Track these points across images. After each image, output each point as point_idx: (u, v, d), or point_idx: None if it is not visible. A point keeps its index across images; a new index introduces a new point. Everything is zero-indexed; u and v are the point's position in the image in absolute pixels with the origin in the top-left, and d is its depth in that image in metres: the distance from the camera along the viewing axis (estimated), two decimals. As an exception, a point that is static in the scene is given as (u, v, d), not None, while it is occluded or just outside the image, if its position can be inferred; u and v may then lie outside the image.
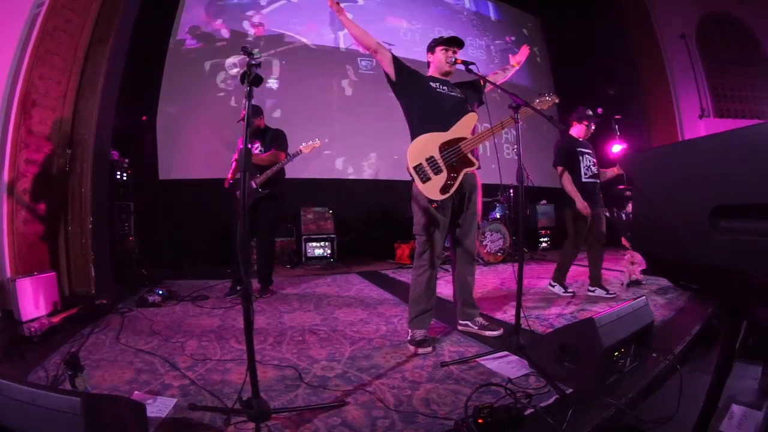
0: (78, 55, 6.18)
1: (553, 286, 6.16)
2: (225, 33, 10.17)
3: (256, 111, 6.33)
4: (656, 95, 12.10)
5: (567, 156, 5.97)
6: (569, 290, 6.06)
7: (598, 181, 6.11)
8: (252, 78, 2.72)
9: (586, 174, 5.94)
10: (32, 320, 4.76)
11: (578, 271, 6.77)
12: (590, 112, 6.12)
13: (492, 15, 14.19)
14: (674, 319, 4.79)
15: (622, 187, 7.30)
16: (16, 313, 4.89)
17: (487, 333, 4.30)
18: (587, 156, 6.01)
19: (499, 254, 9.26)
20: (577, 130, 6.09)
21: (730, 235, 1.49)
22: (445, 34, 4.40)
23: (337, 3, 4.15)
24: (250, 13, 10.53)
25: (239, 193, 4.13)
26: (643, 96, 12.32)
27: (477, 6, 13.90)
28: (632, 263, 6.31)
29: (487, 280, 7.28)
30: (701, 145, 1.79)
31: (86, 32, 6.26)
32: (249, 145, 5.44)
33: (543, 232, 11.45)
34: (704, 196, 1.56)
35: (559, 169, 5.97)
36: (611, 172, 6.21)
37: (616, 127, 8.90)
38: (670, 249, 1.80)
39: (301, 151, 6.41)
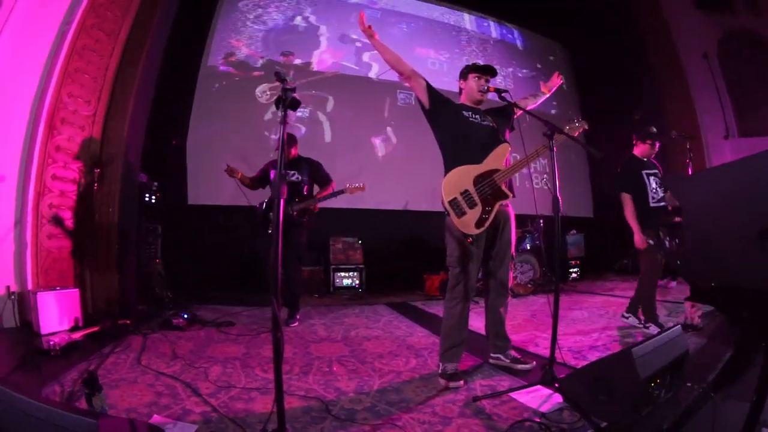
0: (108, 76, 6.27)
1: (648, 327, 5.64)
2: (255, 61, 10.20)
3: (290, 139, 6.32)
4: (681, 118, 11.88)
5: (632, 180, 5.73)
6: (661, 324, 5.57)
7: (666, 204, 5.75)
8: (288, 102, 2.67)
9: (653, 199, 5.68)
10: (51, 334, 4.79)
11: (606, 301, 6.59)
12: (654, 130, 5.90)
13: (518, 43, 14.20)
14: (706, 346, 4.71)
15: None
16: (36, 326, 4.97)
17: (519, 366, 4.21)
18: (653, 178, 5.75)
19: (530, 285, 9.10)
20: (641, 150, 5.87)
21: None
22: (480, 62, 4.36)
23: (369, 27, 4.09)
24: (281, 40, 10.57)
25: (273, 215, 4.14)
26: (668, 119, 12.12)
27: (502, 34, 13.94)
28: (693, 306, 5.75)
29: (517, 312, 7.12)
30: (746, 165, 1.71)
31: (116, 53, 6.35)
32: (285, 173, 5.38)
33: (573, 262, 11.17)
34: (751, 217, 1.48)
35: (623, 196, 5.72)
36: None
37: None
38: (717, 273, 1.71)
39: (345, 190, 6.48)
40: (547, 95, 4.77)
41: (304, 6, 11.01)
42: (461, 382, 3.79)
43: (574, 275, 10.98)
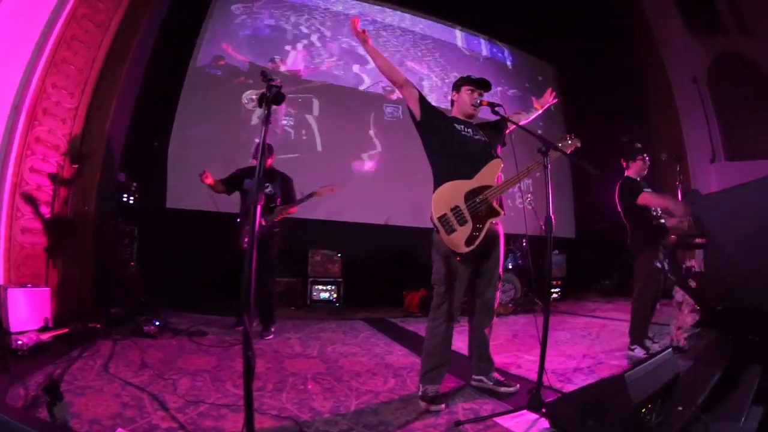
0: (94, 69, 6.12)
1: (633, 350, 5.54)
2: (244, 65, 10.05)
3: (268, 149, 6.22)
4: (668, 141, 12.13)
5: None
6: (652, 351, 5.26)
7: (664, 223, 5.63)
8: (272, 96, 2.53)
9: (656, 216, 5.57)
10: (20, 333, 4.64)
11: (589, 322, 6.49)
12: (639, 145, 5.89)
13: (508, 62, 14.28)
14: (693, 368, 4.56)
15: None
16: (5, 323, 4.76)
17: (503, 389, 4.06)
18: None
19: (510, 305, 9.04)
20: (635, 169, 5.78)
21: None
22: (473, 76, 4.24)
23: (363, 31, 3.92)
24: (272, 47, 10.49)
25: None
26: (655, 142, 12.29)
27: (493, 52, 14.03)
28: (679, 328, 5.70)
29: (499, 332, 6.90)
30: None
31: (104, 46, 6.21)
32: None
33: (554, 282, 11.14)
34: None
35: (642, 197, 5.48)
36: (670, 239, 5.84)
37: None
38: (742, 294, 1.60)
39: (315, 193, 6.31)
40: (540, 111, 4.69)
41: (297, 14, 10.91)
42: (442, 405, 3.64)
43: (555, 295, 10.96)
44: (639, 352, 5.44)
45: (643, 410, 2.94)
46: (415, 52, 12.26)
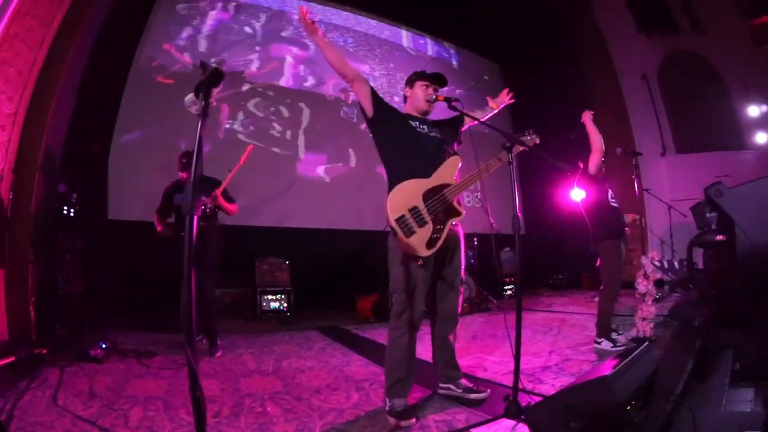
0: (34, 71, 5.70)
1: (599, 343, 5.54)
2: (187, 68, 9.64)
3: (189, 161, 5.76)
4: (618, 136, 12.41)
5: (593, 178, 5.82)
6: (619, 344, 5.50)
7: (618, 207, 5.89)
8: (207, 77, 2.34)
9: (612, 199, 5.80)
10: None
11: (547, 318, 6.43)
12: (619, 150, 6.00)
13: (453, 62, 14.37)
14: (666, 358, 4.57)
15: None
16: None
17: (473, 396, 3.88)
18: (609, 189, 5.87)
19: (466, 305, 8.87)
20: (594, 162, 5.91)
21: None
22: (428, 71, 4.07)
23: (313, 22, 3.71)
24: (216, 48, 10.19)
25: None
26: (603, 138, 12.53)
27: (438, 52, 14.09)
28: (643, 319, 5.70)
29: (458, 333, 6.81)
30: None
31: (45, 46, 5.79)
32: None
33: (507, 279, 11.15)
34: None
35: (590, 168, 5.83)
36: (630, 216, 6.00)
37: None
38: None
39: (234, 168, 6.14)
40: (495, 111, 4.57)
41: (243, 14, 10.70)
42: (413, 419, 3.43)
43: (509, 292, 10.94)
44: (606, 345, 5.44)
45: (628, 407, 2.86)
46: (359, 51, 12.18)
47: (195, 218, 2.12)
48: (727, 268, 5.13)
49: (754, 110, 12.07)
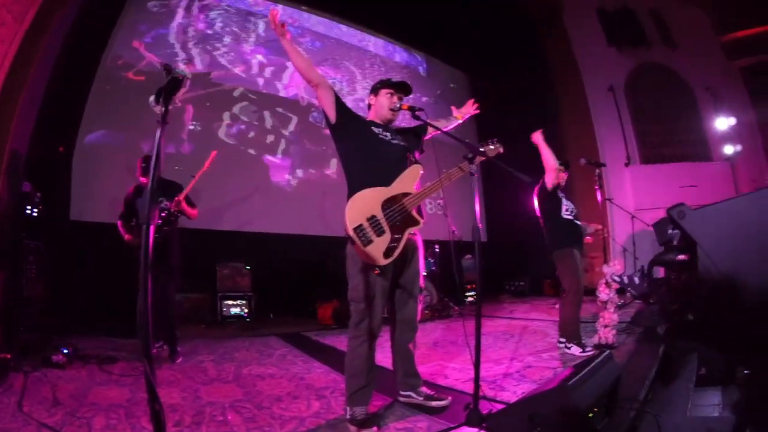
0: (4, 66, 5.58)
1: (569, 348, 5.68)
2: (155, 67, 9.40)
3: (149, 165, 5.84)
4: (582, 146, 12.68)
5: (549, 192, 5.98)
6: (588, 349, 5.62)
7: (579, 223, 6.13)
8: (167, 84, 2.31)
9: (566, 212, 5.92)
10: None
11: (509, 324, 6.48)
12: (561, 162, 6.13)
13: (421, 69, 14.48)
14: (630, 364, 4.62)
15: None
16: None
17: (434, 404, 3.88)
18: (567, 200, 6.04)
19: (427, 312, 8.99)
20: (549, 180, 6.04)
21: None
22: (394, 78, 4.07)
23: (282, 24, 3.63)
24: (185, 47, 10.11)
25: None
26: (567, 149, 12.86)
27: (406, 59, 14.19)
28: (605, 326, 5.80)
29: (419, 340, 6.70)
30: None
31: (17, 41, 5.68)
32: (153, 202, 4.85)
33: (469, 286, 11.25)
34: None
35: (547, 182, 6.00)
36: (594, 227, 6.16)
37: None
38: (734, 312, 1.49)
39: (200, 171, 6.08)
40: (460, 122, 4.59)
41: (215, 14, 10.66)
42: (374, 428, 3.43)
43: (470, 299, 11.06)
44: (576, 350, 5.55)
45: (591, 414, 2.90)
46: (326, 57, 12.19)
47: (157, 223, 2.12)
48: (688, 288, 5.19)
49: (722, 122, 12.36)
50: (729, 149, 12.41)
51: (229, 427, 3.57)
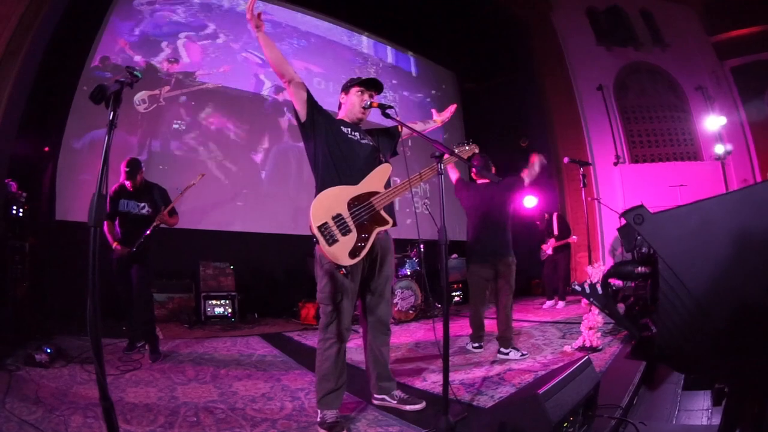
0: None
1: (507, 353, 5.73)
2: (139, 65, 9.47)
3: (135, 166, 5.91)
4: (570, 146, 12.73)
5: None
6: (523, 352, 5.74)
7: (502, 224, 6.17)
8: (112, 90, 2.32)
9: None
10: None
11: (491, 325, 6.49)
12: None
13: (413, 70, 14.43)
14: (613, 369, 4.62)
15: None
16: None
17: (408, 407, 3.85)
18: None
19: (411, 312, 8.86)
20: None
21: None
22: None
23: (258, 15, 3.52)
24: (167, 46, 10.04)
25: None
26: (556, 147, 12.89)
27: (397, 60, 14.13)
28: (590, 328, 5.75)
29: (400, 340, 6.91)
30: (753, 196, 1.44)
31: (3, 40, 5.66)
32: (136, 205, 5.24)
33: (455, 286, 11.38)
34: (762, 264, 1.20)
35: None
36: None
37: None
38: (698, 334, 1.44)
39: (188, 186, 6.10)
40: (437, 125, 4.56)
41: (201, 14, 10.62)
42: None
43: (456, 299, 11.23)
44: (514, 354, 5.67)
45: (566, 424, 2.83)
46: (315, 55, 12.19)
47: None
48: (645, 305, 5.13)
49: (712, 122, 12.39)
50: (719, 149, 12.44)
51: (201, 428, 3.55)
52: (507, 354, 5.66)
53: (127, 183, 5.88)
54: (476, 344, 6.20)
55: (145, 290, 5.99)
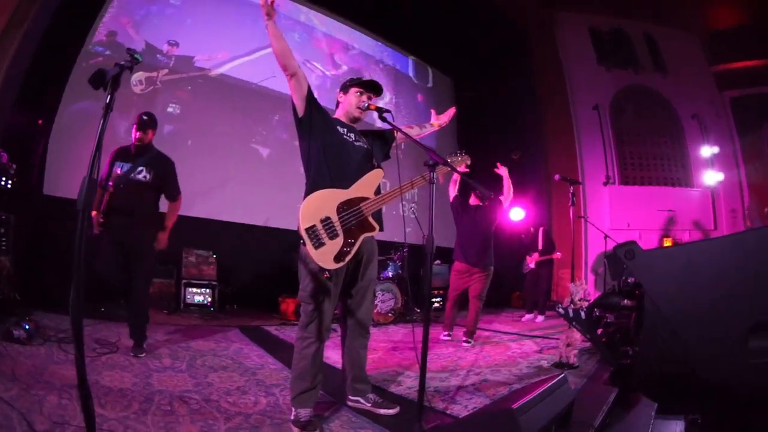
0: None
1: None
2: (139, 46, 9.40)
3: (151, 120, 5.39)
4: (561, 161, 12.81)
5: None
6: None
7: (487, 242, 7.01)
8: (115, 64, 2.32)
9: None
10: None
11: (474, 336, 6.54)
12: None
13: (411, 73, 14.49)
14: (587, 388, 4.62)
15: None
16: None
17: (382, 411, 3.86)
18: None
19: (390, 315, 8.89)
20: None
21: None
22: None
23: (271, 3, 3.49)
24: (170, 29, 10.00)
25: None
26: (547, 162, 12.96)
27: (396, 61, 14.15)
28: (568, 345, 5.70)
29: (378, 343, 6.89)
30: (740, 243, 1.47)
31: (5, 16, 5.63)
32: (133, 168, 5.05)
33: (436, 292, 11.30)
34: (740, 307, 1.22)
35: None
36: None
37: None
38: (677, 366, 1.46)
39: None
40: (435, 129, 4.56)
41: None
42: (317, 431, 3.41)
43: (437, 305, 11.17)
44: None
45: None
46: (314, 52, 12.26)
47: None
48: (627, 334, 5.13)
49: (706, 150, 12.54)
50: (711, 177, 12.52)
51: (174, 417, 3.53)
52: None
53: (136, 135, 5.32)
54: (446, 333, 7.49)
55: (146, 288, 5.80)
